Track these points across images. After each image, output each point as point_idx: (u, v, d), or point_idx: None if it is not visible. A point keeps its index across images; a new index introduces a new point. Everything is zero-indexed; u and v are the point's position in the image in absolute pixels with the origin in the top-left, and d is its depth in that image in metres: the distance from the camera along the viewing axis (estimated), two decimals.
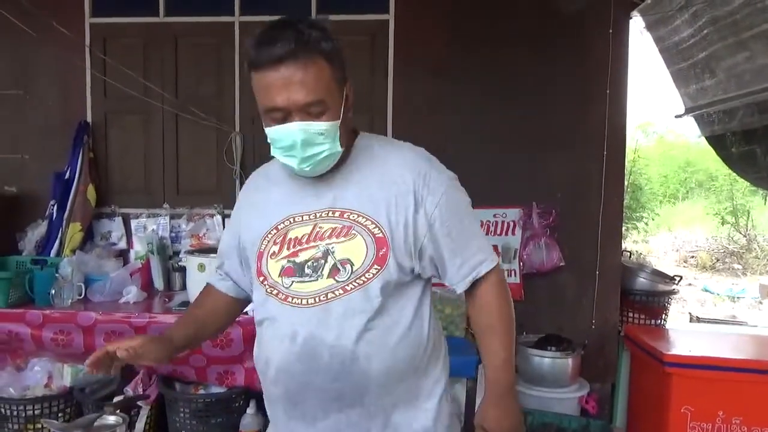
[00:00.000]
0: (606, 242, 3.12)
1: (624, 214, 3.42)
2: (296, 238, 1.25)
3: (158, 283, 3.05)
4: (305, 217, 1.26)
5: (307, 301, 1.22)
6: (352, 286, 1.20)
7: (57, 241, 3.10)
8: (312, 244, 1.23)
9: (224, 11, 3.27)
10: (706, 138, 3.56)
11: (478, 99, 3.13)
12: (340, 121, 1.19)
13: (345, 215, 1.23)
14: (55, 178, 3.19)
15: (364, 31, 3.23)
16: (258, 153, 3.31)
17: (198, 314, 1.47)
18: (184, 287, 2.90)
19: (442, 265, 1.28)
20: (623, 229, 3.46)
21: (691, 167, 12.64)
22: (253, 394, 2.59)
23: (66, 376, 2.66)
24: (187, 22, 3.29)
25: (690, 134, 12.25)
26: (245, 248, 1.35)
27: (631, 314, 3.09)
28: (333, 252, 1.22)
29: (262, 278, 1.28)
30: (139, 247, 3.26)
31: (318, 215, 1.25)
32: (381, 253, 1.21)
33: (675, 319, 4.08)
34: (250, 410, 2.56)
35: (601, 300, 3.11)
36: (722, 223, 10.80)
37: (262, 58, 1.14)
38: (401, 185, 1.24)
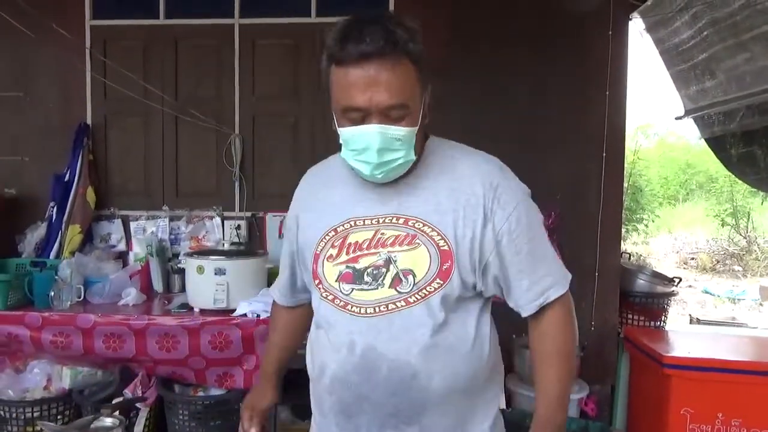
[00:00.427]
0: (605, 244, 3.11)
1: (624, 215, 3.42)
2: (357, 242, 1.19)
3: (157, 285, 3.05)
4: (367, 222, 1.20)
5: (367, 310, 1.17)
6: (415, 299, 1.15)
7: (56, 243, 3.10)
8: (373, 250, 1.18)
9: (224, 13, 3.27)
10: (706, 140, 3.56)
11: (478, 99, 3.13)
12: (418, 127, 1.13)
13: (409, 223, 1.17)
14: (55, 180, 3.19)
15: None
16: (257, 154, 3.31)
17: (278, 341, 1.50)
18: (183, 289, 2.90)
19: (508, 285, 1.20)
20: (623, 230, 3.46)
21: (691, 169, 12.65)
22: None
23: (65, 378, 2.65)
24: (187, 25, 3.29)
25: (690, 136, 12.29)
26: (302, 250, 1.30)
27: (630, 316, 3.09)
28: (395, 261, 1.16)
29: (317, 281, 1.24)
30: (138, 249, 3.26)
31: (381, 220, 1.19)
32: (445, 267, 1.15)
33: (675, 321, 4.07)
34: None
35: (601, 301, 3.10)
36: (722, 225, 10.80)
37: (347, 54, 1.07)
38: (471, 197, 1.17)
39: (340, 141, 1.16)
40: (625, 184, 3.73)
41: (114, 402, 2.45)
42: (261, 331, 2.51)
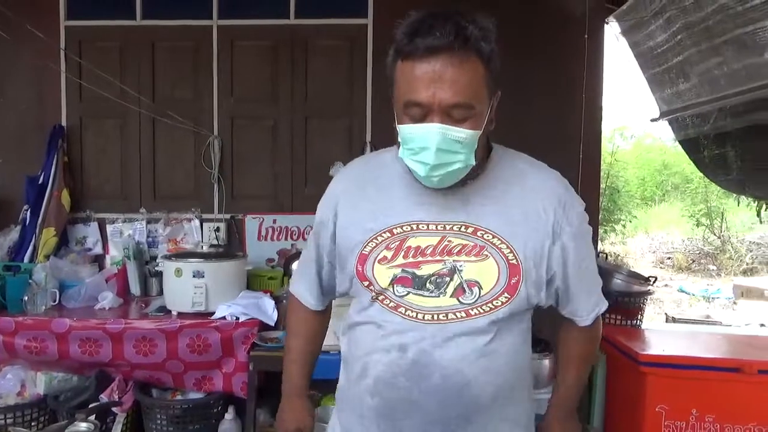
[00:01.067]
0: None
1: (602, 216, 3.46)
2: (418, 247, 1.15)
3: (135, 288, 3.01)
4: (431, 227, 1.15)
5: (424, 317, 1.14)
6: (477, 312, 1.13)
7: (30, 247, 3.05)
8: (438, 257, 1.14)
9: (202, 15, 3.25)
10: (680, 142, 3.63)
11: None
12: (481, 131, 1.09)
13: (479, 233, 1.14)
14: (29, 182, 3.13)
15: (342, 36, 3.24)
16: (236, 156, 3.29)
17: (310, 349, 1.42)
18: (161, 293, 2.87)
19: (568, 296, 1.24)
20: (601, 231, 3.50)
21: (667, 170, 12.87)
22: (231, 399, 2.58)
23: (39, 383, 2.61)
24: (165, 26, 3.26)
25: (666, 138, 12.50)
26: (342, 249, 1.23)
27: (607, 315, 3.12)
28: (461, 270, 1.13)
29: (366, 283, 1.18)
30: (115, 253, 3.22)
31: (448, 227, 1.15)
32: (513, 281, 1.13)
33: (651, 320, 4.14)
34: (229, 416, 2.54)
35: None
36: (697, 225, 11.03)
37: (414, 47, 1.03)
38: (541, 213, 1.17)
39: (399, 139, 1.11)
40: (603, 186, 3.78)
41: (90, 407, 2.41)
42: (240, 334, 2.50)
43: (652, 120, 3.67)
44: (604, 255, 3.76)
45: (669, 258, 10.56)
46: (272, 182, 3.29)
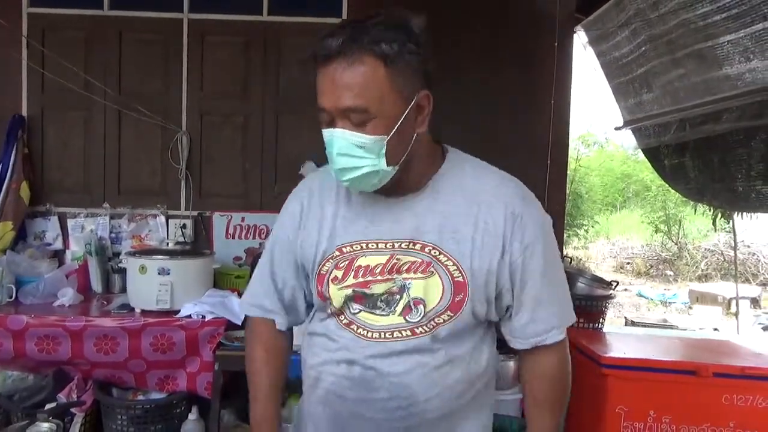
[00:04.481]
0: None
1: (566, 221, 3.53)
2: (368, 266, 1.13)
3: (96, 285, 2.94)
4: (380, 245, 1.13)
5: (373, 335, 1.13)
6: (422, 330, 1.12)
7: None
8: (387, 276, 1.12)
9: (172, 7, 3.19)
10: (643, 150, 3.73)
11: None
12: (389, 136, 1.04)
13: (426, 249, 1.11)
14: None
15: (316, 34, 3.22)
16: (205, 153, 3.24)
17: (279, 378, 1.30)
18: (124, 290, 2.80)
19: (509, 315, 1.19)
20: (565, 236, 3.57)
21: (628, 178, 13.21)
22: (195, 399, 2.53)
23: None
24: (133, 17, 3.19)
25: (628, 146, 12.81)
26: (305, 266, 1.22)
27: None
28: (409, 288, 1.11)
29: (327, 301, 1.18)
30: (76, 248, 3.13)
31: (396, 245, 1.12)
32: (457, 299, 1.11)
33: (611, 323, 4.24)
34: (192, 416, 2.49)
35: None
36: (656, 232, 11.35)
37: (318, 53, 1.04)
38: (490, 226, 1.12)
39: None
40: (567, 192, 3.87)
41: (47, 407, 2.34)
42: (206, 333, 2.46)
43: (617, 128, 3.76)
44: (569, 259, 3.84)
45: (629, 263, 10.85)
46: (241, 179, 3.26)
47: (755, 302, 7.56)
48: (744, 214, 3.19)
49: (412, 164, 1.12)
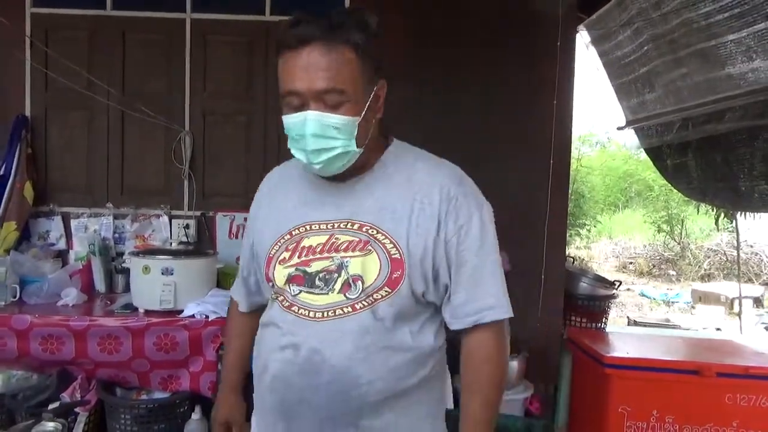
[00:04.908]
0: (551, 249, 3.20)
1: (568, 221, 3.53)
2: (310, 246, 1.19)
3: (100, 285, 2.95)
4: (322, 226, 1.20)
5: (315, 315, 1.16)
6: (361, 305, 1.15)
7: None
8: (326, 255, 1.17)
9: (175, 7, 3.19)
10: (645, 150, 3.73)
11: (429, 111, 3.15)
12: (360, 118, 1.13)
13: (363, 229, 1.17)
14: None
15: None
16: (208, 152, 3.25)
17: (239, 347, 1.47)
18: (127, 290, 2.81)
19: (448, 296, 1.20)
20: (567, 235, 3.57)
21: (630, 177, 13.18)
22: (198, 399, 2.54)
23: None
24: (136, 17, 3.19)
25: (630, 145, 12.79)
26: (258, 252, 1.30)
27: (573, 318, 3.20)
28: (347, 266, 1.15)
29: (270, 284, 1.24)
30: (79, 248, 3.14)
31: (336, 225, 1.18)
32: (395, 276, 1.14)
33: (614, 323, 4.24)
34: (195, 416, 2.50)
35: (546, 304, 3.20)
36: (658, 232, 11.33)
37: (288, 39, 1.11)
38: (426, 206, 1.17)
39: (286, 132, 1.16)
40: (570, 190, 3.86)
41: (50, 407, 2.35)
42: (209, 333, 2.47)
43: (619, 128, 3.76)
44: (571, 259, 3.84)
45: (631, 263, 10.84)
46: (244, 179, 3.26)
47: (758, 302, 7.54)
48: (747, 213, 3.19)
49: (366, 149, 1.18)
